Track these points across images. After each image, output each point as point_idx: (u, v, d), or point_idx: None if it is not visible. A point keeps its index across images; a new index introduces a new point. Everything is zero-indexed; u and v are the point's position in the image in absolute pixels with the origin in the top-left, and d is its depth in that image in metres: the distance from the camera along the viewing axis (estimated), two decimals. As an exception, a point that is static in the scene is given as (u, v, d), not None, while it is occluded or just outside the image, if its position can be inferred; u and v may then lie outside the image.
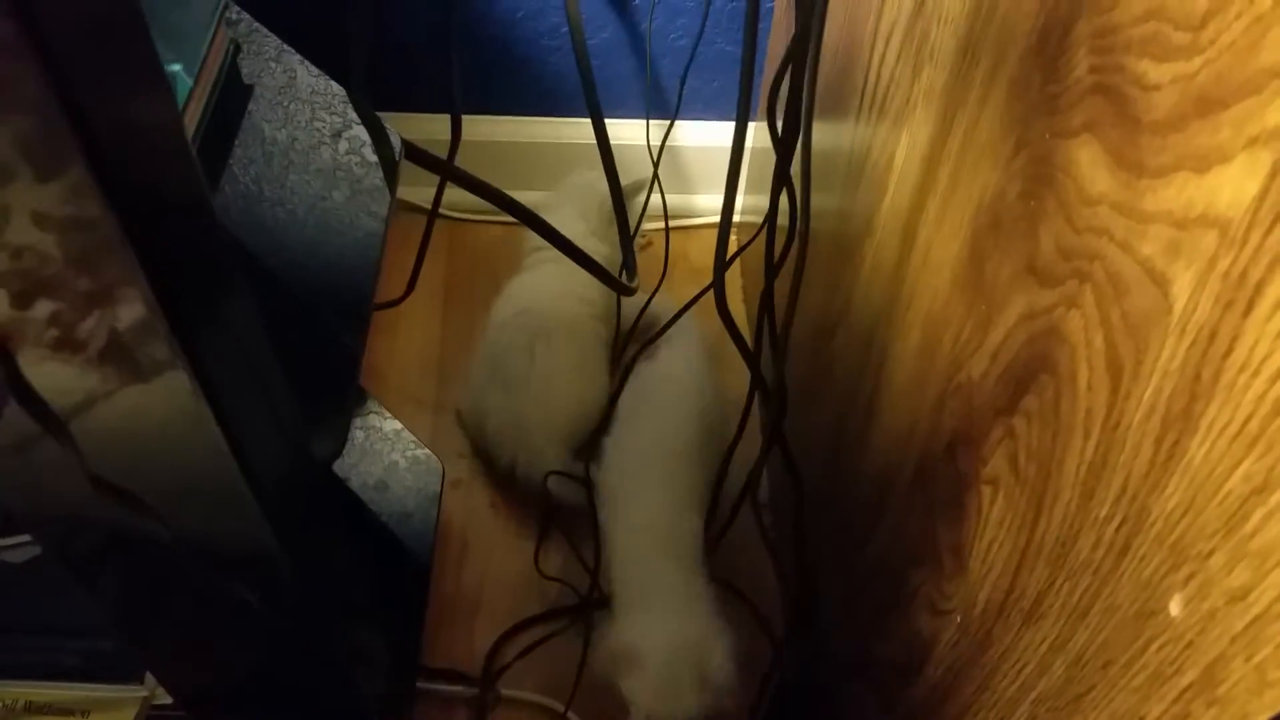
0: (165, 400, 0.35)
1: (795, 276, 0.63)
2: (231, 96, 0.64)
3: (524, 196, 0.65)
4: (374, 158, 0.68)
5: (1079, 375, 0.41)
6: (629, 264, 0.97)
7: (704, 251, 1.24)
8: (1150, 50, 0.35)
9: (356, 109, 0.61)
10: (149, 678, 0.71)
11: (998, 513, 0.49)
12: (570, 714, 0.90)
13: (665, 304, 1.05)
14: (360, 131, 0.69)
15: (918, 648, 0.59)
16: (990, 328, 0.49)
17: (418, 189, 1.07)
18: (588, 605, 0.93)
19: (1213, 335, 0.32)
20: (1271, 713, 0.30)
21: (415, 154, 0.63)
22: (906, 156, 0.62)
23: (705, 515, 0.90)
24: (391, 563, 0.93)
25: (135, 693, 0.71)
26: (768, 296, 0.74)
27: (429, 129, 0.86)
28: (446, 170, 0.63)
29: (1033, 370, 0.44)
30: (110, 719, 0.71)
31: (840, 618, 0.78)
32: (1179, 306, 0.34)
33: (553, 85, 1.15)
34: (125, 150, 0.30)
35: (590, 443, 1.00)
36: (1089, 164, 0.39)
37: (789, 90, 0.60)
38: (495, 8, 1.08)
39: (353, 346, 0.61)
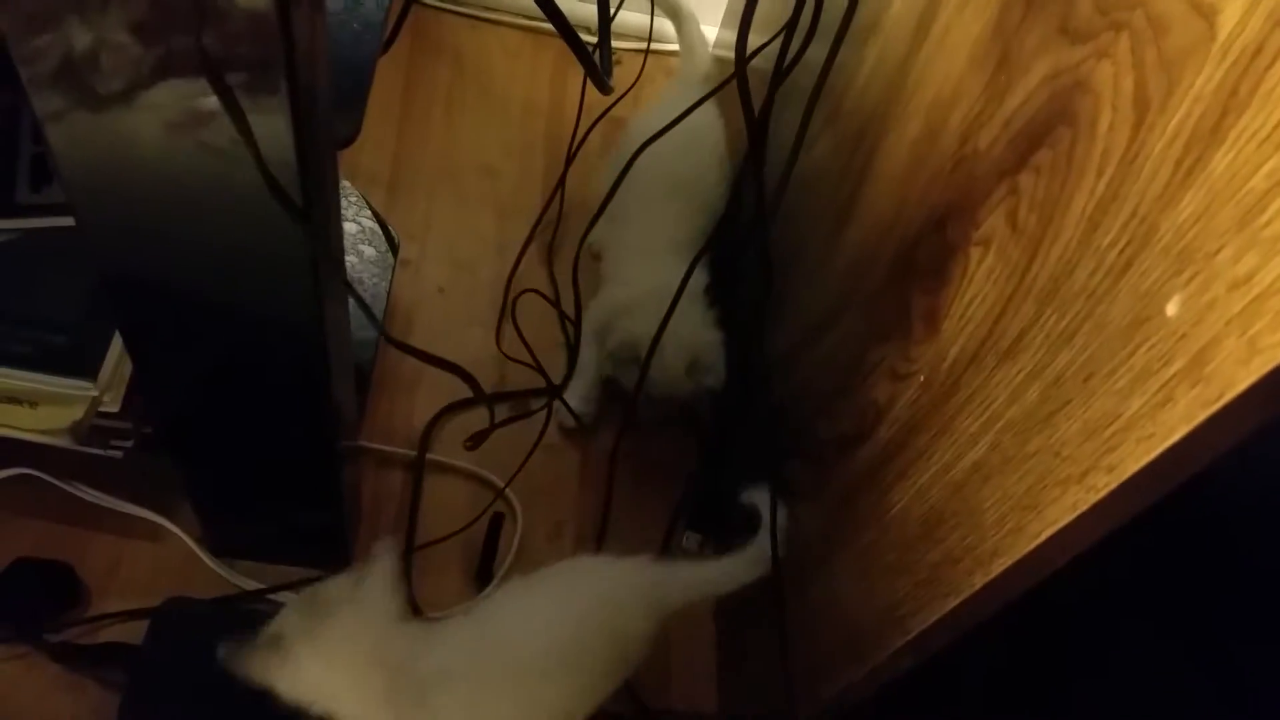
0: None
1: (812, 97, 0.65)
2: None
3: None
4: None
5: (1100, 121, 0.43)
6: (605, 63, 0.97)
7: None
8: None
9: None
10: (101, 378, 0.70)
11: (984, 270, 0.52)
12: (509, 493, 0.92)
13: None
14: None
15: (871, 415, 0.63)
16: (1008, 95, 0.51)
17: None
18: (553, 389, 0.92)
19: (1258, 50, 0.35)
20: (1256, 378, 0.33)
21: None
22: (930, -49, 0.63)
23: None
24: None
25: (85, 391, 0.70)
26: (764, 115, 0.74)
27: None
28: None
29: (1050, 125, 0.47)
30: (57, 413, 0.70)
31: (787, 414, 0.82)
32: (1224, 33, 0.36)
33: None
34: None
35: None
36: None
37: None
38: None
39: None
